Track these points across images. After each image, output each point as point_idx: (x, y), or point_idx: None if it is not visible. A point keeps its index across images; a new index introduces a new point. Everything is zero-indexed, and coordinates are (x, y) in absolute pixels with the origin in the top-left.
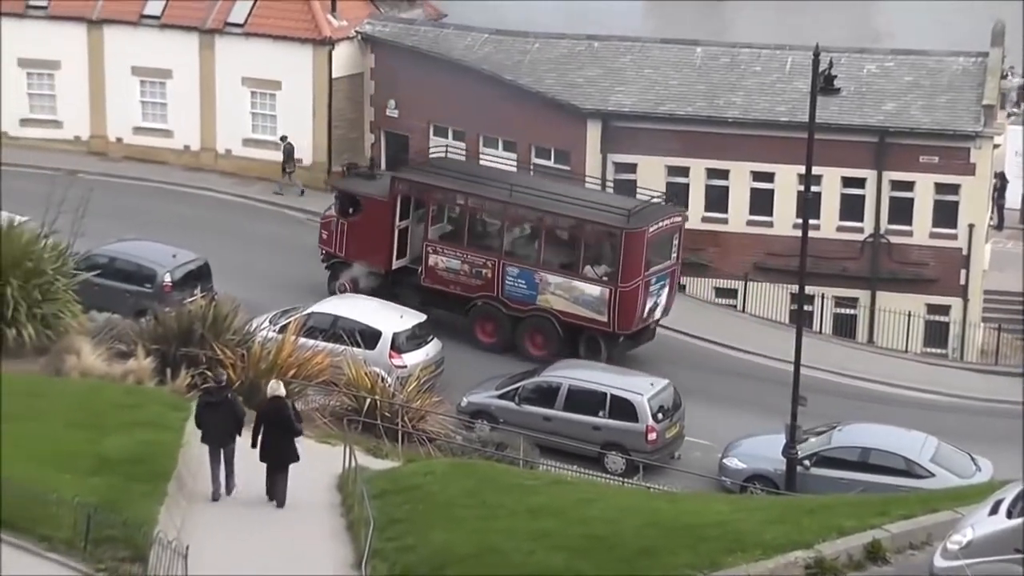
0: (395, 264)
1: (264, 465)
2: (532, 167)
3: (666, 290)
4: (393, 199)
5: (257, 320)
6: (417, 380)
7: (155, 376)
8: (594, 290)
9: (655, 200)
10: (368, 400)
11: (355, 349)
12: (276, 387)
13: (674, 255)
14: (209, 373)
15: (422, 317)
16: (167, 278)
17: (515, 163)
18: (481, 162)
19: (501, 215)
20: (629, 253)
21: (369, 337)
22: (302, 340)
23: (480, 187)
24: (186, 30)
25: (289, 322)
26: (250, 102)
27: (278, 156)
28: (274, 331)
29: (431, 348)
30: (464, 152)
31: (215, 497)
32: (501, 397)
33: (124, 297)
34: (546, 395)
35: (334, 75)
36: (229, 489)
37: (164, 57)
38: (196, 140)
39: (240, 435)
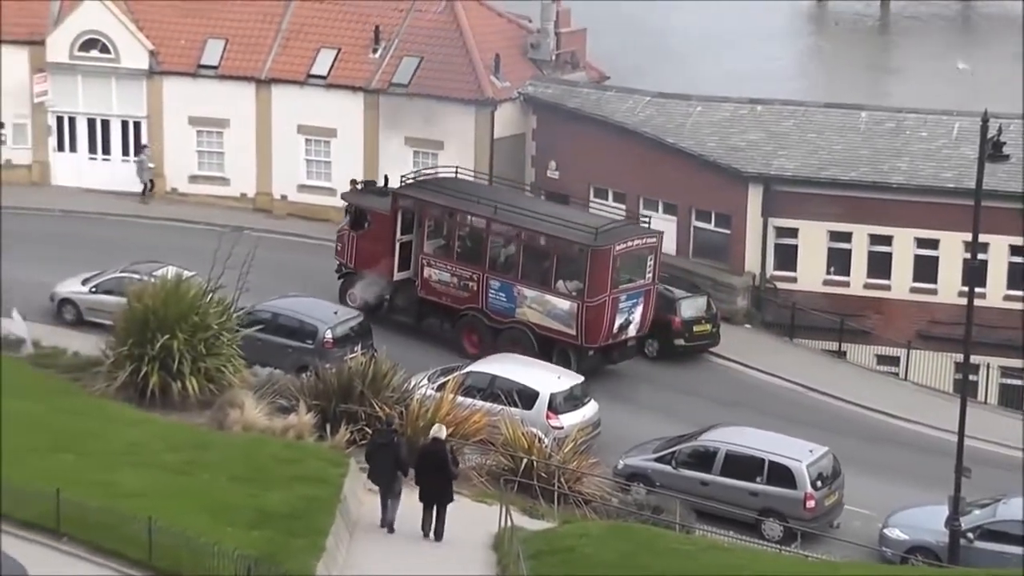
0: (397, 276)
1: (422, 504)
2: (693, 229)
3: (640, 308)
4: (394, 213)
5: (416, 378)
6: (574, 441)
7: (315, 431)
8: (564, 304)
9: (628, 221)
10: (525, 460)
11: (512, 409)
12: (438, 430)
13: (649, 275)
14: (368, 429)
15: (580, 378)
16: (328, 335)
17: (675, 225)
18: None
19: (485, 231)
20: (595, 270)
21: (527, 397)
22: (460, 399)
23: (469, 204)
24: (351, 90)
25: (447, 380)
26: (412, 161)
27: None
28: (432, 389)
29: (588, 409)
30: (624, 213)
31: (383, 525)
32: (658, 460)
33: (286, 352)
34: (703, 459)
35: (496, 135)
36: (391, 523)
37: (329, 116)
38: None
39: (405, 475)
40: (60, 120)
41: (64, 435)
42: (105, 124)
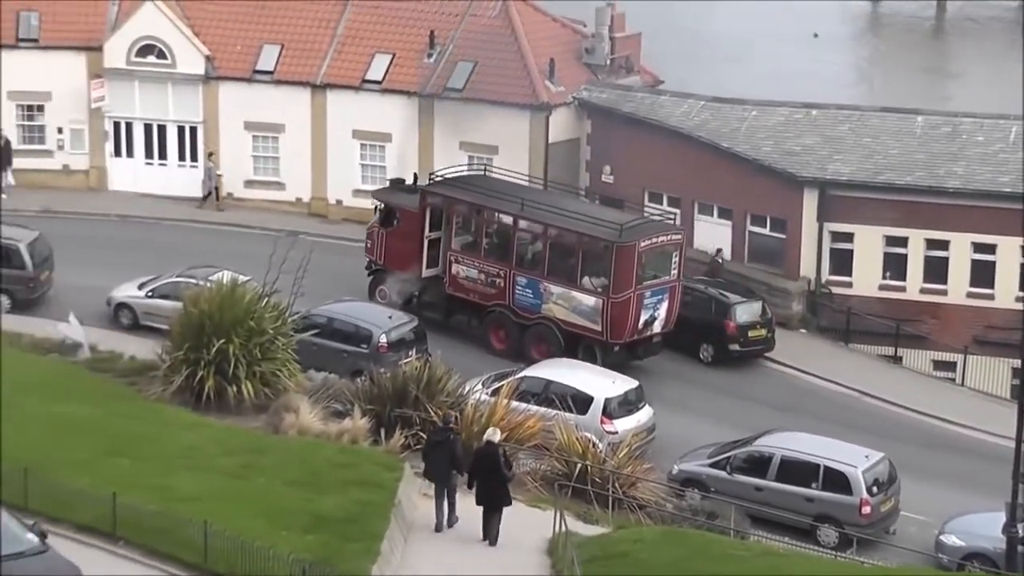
0: (426, 273)
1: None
2: (748, 234)
3: (665, 304)
4: (422, 211)
5: (470, 383)
6: (628, 446)
7: (370, 436)
8: (589, 300)
9: (654, 217)
10: (579, 465)
11: (567, 414)
12: (492, 433)
13: (674, 271)
14: (423, 434)
15: (634, 383)
16: (383, 339)
17: (730, 230)
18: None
19: (512, 228)
20: (620, 266)
21: (581, 402)
22: (514, 403)
23: (495, 201)
24: (406, 95)
25: (502, 385)
26: (467, 166)
27: None
28: (487, 394)
29: (643, 414)
30: (674, 218)
31: (438, 528)
32: (712, 466)
33: (341, 357)
34: (758, 465)
35: (551, 140)
36: (450, 523)
37: (383, 121)
38: None
39: (460, 474)
40: (117, 125)
41: (120, 439)
42: (161, 129)
